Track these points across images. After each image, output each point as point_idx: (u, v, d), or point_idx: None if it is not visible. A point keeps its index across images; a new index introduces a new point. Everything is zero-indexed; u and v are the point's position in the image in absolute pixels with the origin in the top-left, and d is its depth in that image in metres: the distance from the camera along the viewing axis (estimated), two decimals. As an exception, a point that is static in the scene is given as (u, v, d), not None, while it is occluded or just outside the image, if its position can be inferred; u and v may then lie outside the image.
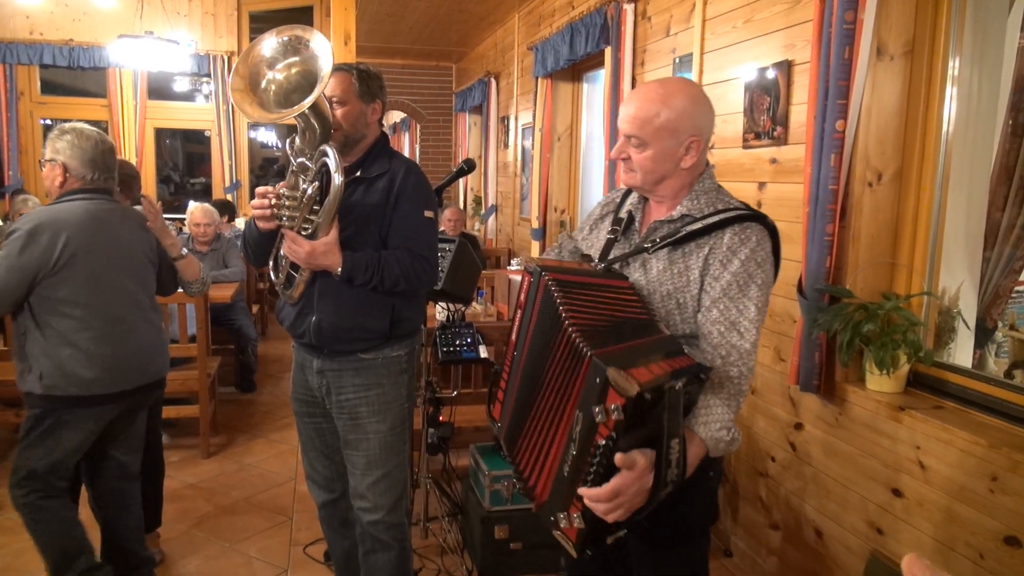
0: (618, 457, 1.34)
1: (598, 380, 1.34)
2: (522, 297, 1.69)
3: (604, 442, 1.34)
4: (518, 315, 1.70)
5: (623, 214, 1.83)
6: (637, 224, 1.79)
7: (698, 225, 1.63)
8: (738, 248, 1.59)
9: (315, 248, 2.19)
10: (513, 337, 1.70)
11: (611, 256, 1.78)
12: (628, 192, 1.87)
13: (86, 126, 2.62)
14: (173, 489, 3.85)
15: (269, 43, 2.15)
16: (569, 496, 1.41)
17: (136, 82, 8.06)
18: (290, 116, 2.07)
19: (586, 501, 1.38)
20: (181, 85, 8.76)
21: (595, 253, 1.84)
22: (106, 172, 2.63)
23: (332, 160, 2.11)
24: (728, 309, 1.58)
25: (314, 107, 2.09)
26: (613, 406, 1.31)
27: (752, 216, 1.64)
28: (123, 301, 2.62)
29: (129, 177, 3.10)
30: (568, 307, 1.51)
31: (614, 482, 1.35)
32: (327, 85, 2.28)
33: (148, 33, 6.79)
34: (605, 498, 1.36)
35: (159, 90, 8.57)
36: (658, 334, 1.54)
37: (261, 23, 8.52)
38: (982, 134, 2.49)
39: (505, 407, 1.71)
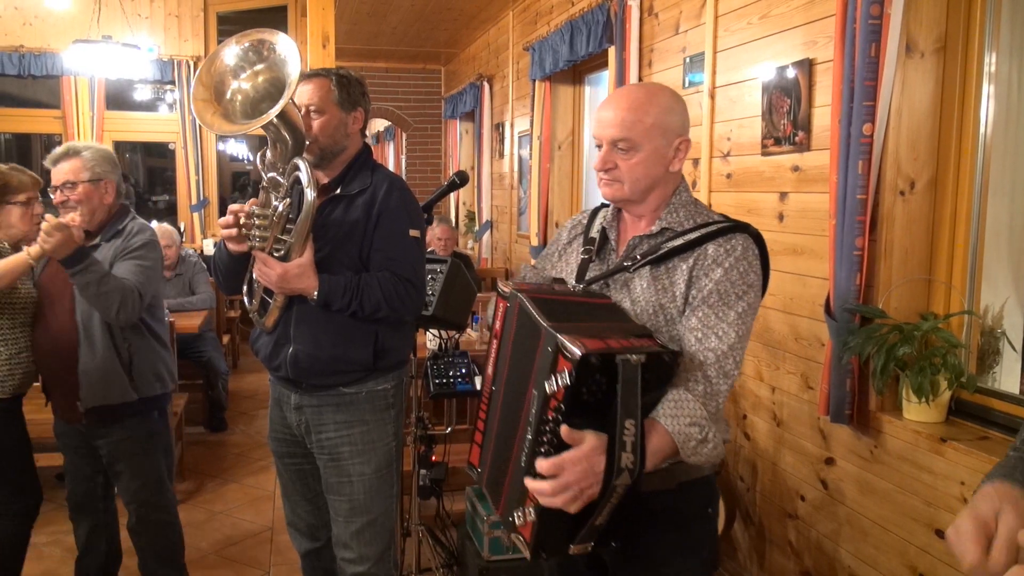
0: (563, 429, 1.39)
1: (550, 349, 1.42)
2: (497, 325, 1.71)
3: (553, 415, 1.40)
4: (494, 345, 1.71)
5: (594, 233, 1.87)
6: (613, 242, 1.82)
7: (680, 241, 1.70)
8: (722, 258, 1.66)
9: (287, 271, 2.20)
10: (489, 371, 1.72)
11: (588, 277, 1.81)
12: (596, 212, 1.92)
13: (96, 142, 2.92)
14: (136, 542, 3.83)
15: (231, 50, 2.18)
16: (525, 488, 1.46)
17: (93, 91, 8.11)
18: (256, 127, 2.09)
19: (529, 481, 1.42)
20: (142, 94, 8.82)
21: (568, 277, 1.87)
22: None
23: (304, 174, 2.13)
24: (707, 316, 1.64)
25: (284, 117, 2.11)
26: (563, 372, 1.38)
27: (734, 227, 1.71)
28: None
29: None
30: (538, 306, 1.56)
31: (559, 456, 1.40)
32: (304, 92, 2.31)
33: (106, 38, 6.84)
34: (548, 471, 1.39)
35: (118, 99, 8.62)
36: (629, 322, 1.61)
37: (230, 25, 8.60)
38: (1024, 135, 2.52)
39: (484, 450, 1.72)
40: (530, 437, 1.46)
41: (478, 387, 3.12)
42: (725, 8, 3.44)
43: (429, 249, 5.09)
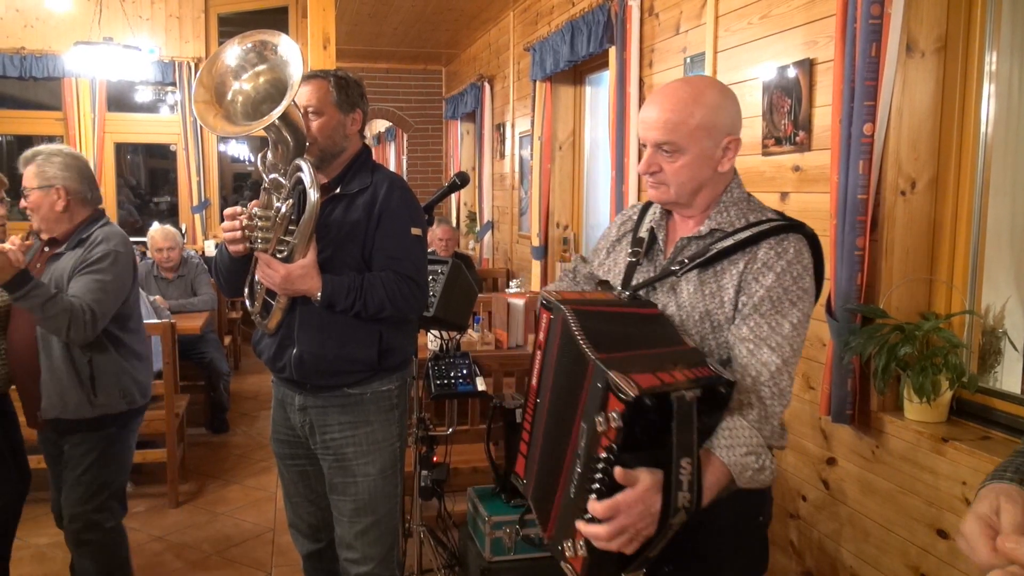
0: (617, 471, 1.34)
1: (599, 385, 1.35)
2: (541, 336, 1.65)
3: (605, 455, 1.34)
4: (538, 356, 1.66)
5: (643, 233, 1.80)
6: (661, 243, 1.76)
7: (729, 242, 1.62)
8: (773, 262, 1.59)
9: (291, 272, 2.21)
10: (534, 382, 1.67)
11: (635, 282, 1.74)
12: (647, 207, 1.85)
13: (62, 145, 2.80)
14: (138, 543, 3.83)
15: (233, 51, 2.18)
16: (575, 520, 1.41)
17: (94, 93, 8.12)
18: (258, 128, 2.09)
19: (582, 524, 1.37)
20: (143, 95, 8.82)
21: (615, 279, 1.81)
22: (96, 189, 2.86)
23: (307, 175, 2.13)
24: (759, 326, 1.57)
25: (285, 118, 2.11)
26: (613, 413, 1.31)
27: (788, 226, 1.63)
28: None
29: None
30: (586, 331, 1.50)
31: (613, 499, 1.35)
32: (302, 93, 2.31)
33: (107, 39, 6.86)
34: (602, 514, 1.34)
35: (119, 101, 8.64)
36: (679, 345, 1.53)
37: (231, 26, 8.60)
38: (1024, 135, 2.52)
39: (530, 462, 1.68)
40: (579, 471, 1.41)
41: (479, 388, 3.12)
42: (725, 8, 3.44)
43: (430, 250, 5.09)
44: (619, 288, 1.76)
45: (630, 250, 1.80)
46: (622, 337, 1.52)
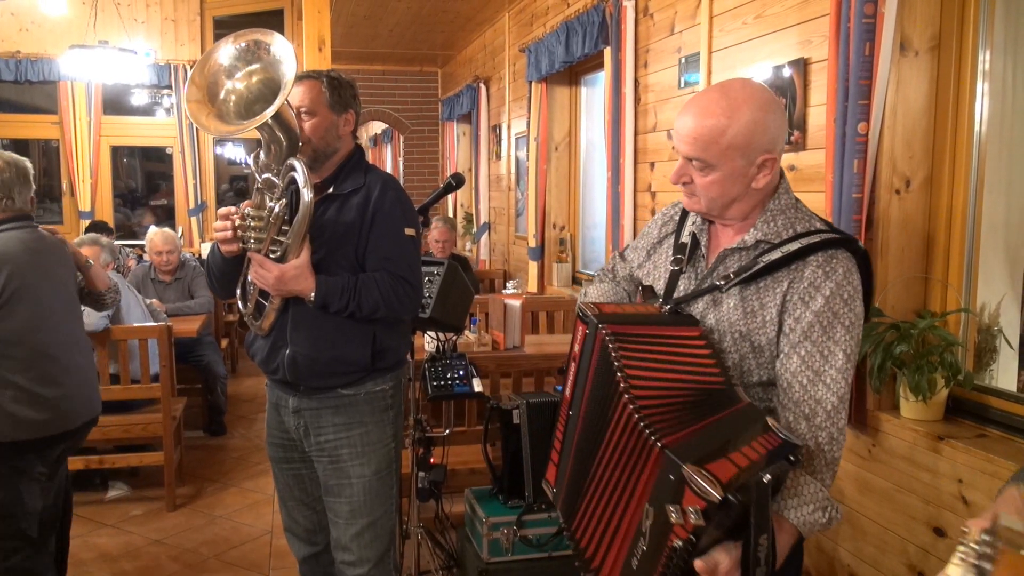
0: (698, 564, 1.31)
1: (672, 478, 1.30)
2: (576, 348, 1.63)
3: (681, 544, 1.30)
4: (572, 368, 1.64)
5: (685, 237, 1.74)
6: (703, 249, 1.70)
7: (776, 255, 1.55)
8: (822, 283, 1.51)
9: (284, 272, 2.20)
10: (567, 393, 1.65)
11: (677, 294, 1.69)
12: None
13: None
14: (135, 546, 3.83)
15: (226, 50, 2.18)
16: None
17: (90, 96, 8.12)
18: (251, 128, 2.08)
19: None
20: (139, 98, 8.81)
21: (657, 284, 1.77)
22: (12, 192, 2.62)
23: (300, 175, 2.12)
24: (811, 356, 1.51)
25: (278, 118, 2.10)
26: (691, 508, 1.26)
27: (838, 241, 1.56)
28: (60, 338, 2.72)
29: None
30: (629, 371, 1.45)
31: None
32: (295, 94, 2.31)
33: (102, 43, 6.86)
34: None
35: (115, 104, 8.63)
36: (737, 403, 1.47)
37: (227, 29, 8.59)
38: (1019, 131, 2.51)
39: (561, 473, 1.67)
40: (645, 549, 1.36)
41: (476, 389, 3.11)
42: (720, 8, 3.44)
43: (426, 252, 5.09)
44: (660, 299, 1.71)
45: (672, 256, 1.75)
46: (676, 396, 1.46)
